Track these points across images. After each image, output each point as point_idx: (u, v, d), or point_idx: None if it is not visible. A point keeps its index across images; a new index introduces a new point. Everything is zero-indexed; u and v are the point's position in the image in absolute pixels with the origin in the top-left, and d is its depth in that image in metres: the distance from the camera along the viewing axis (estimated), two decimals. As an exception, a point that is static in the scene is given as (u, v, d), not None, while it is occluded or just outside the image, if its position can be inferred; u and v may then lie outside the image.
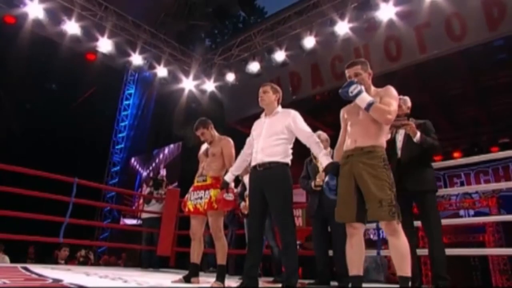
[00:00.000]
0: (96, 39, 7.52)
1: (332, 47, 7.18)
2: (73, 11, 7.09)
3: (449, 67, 7.62)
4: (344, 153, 2.32)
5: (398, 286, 2.07)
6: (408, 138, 2.94)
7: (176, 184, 8.98)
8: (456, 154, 9.89)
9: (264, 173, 2.66)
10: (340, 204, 2.25)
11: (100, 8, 7.39)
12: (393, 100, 2.24)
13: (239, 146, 3.02)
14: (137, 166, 10.77)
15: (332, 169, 2.36)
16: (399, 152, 2.95)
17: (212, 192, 3.14)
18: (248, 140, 2.97)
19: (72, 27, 7.11)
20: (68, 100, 10.75)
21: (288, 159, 2.72)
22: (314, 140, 2.68)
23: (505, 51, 7.83)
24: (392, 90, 2.31)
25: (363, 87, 2.21)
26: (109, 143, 11.23)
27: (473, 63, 7.68)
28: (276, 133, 2.71)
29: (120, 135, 11.39)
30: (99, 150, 10.94)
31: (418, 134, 2.80)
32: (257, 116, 3.00)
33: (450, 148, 9.85)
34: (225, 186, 2.94)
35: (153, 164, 10.22)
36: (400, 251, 2.08)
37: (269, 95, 2.86)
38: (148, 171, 10.30)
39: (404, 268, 2.06)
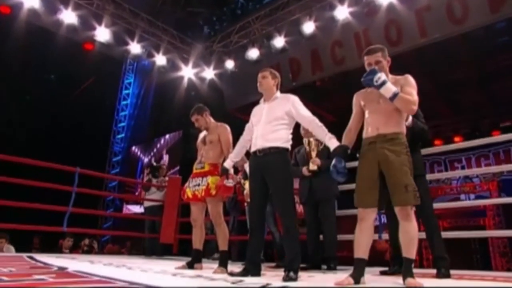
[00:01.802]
0: (94, 28, 7.46)
1: (331, 32, 7.10)
2: (69, 0, 7.00)
3: (450, 51, 7.54)
4: (365, 140, 2.33)
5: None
6: None
7: (178, 168, 9.03)
8: (457, 139, 9.87)
9: (264, 158, 2.65)
10: (362, 189, 2.26)
11: (97, -4, 7.31)
12: (414, 90, 2.26)
13: (240, 133, 3.03)
14: (139, 153, 10.79)
15: (341, 152, 2.36)
16: None
17: (210, 179, 3.18)
18: (247, 126, 2.95)
19: (69, 16, 7.04)
20: (68, 91, 10.71)
21: (288, 144, 2.72)
22: (317, 124, 2.67)
23: (507, 34, 7.75)
24: (412, 80, 2.32)
25: (385, 76, 2.21)
26: (109, 133, 11.23)
27: (474, 46, 7.60)
28: (276, 118, 2.70)
29: (121, 124, 11.39)
30: (99, 140, 10.95)
31: (410, 118, 2.80)
32: (257, 103, 2.97)
33: (451, 132, 9.85)
34: (224, 172, 2.96)
35: (155, 150, 10.26)
36: (410, 235, 2.15)
37: (267, 80, 2.84)
38: (149, 157, 10.33)
39: (411, 251, 2.15)
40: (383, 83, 2.17)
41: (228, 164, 2.99)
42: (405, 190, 2.11)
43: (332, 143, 2.52)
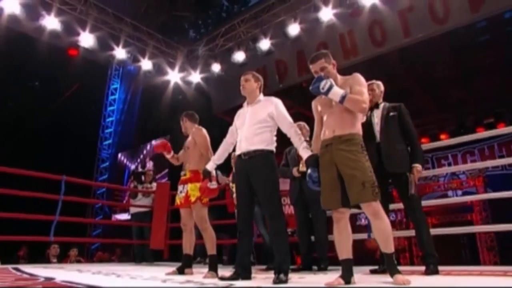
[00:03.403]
0: (78, 34, 7.35)
1: (317, 34, 7.15)
2: (52, 6, 6.90)
3: (433, 49, 7.67)
4: (323, 142, 2.35)
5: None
6: (385, 120, 2.97)
7: (166, 171, 8.94)
8: (443, 136, 10.05)
9: (250, 161, 2.65)
10: (324, 192, 2.28)
11: (80, 2, 7.21)
12: (363, 88, 2.28)
13: (225, 133, 3.01)
14: (125, 161, 10.66)
15: (313, 161, 2.40)
16: (377, 135, 2.97)
17: (189, 186, 3.22)
18: (231, 129, 2.96)
19: (51, 22, 6.92)
20: (53, 97, 10.54)
21: (272, 147, 2.72)
22: (294, 131, 2.69)
23: (488, 32, 7.92)
24: (360, 78, 2.34)
25: (332, 81, 2.23)
26: (96, 139, 11.08)
27: (456, 45, 7.76)
28: (259, 121, 2.70)
29: (108, 130, 11.25)
30: (87, 146, 10.79)
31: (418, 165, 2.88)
32: (243, 102, 2.95)
33: (437, 130, 10.01)
34: (207, 175, 2.95)
35: (141, 156, 10.15)
36: (385, 232, 2.17)
37: (250, 83, 2.83)
38: (136, 164, 10.21)
39: (389, 246, 2.16)
40: (330, 88, 2.19)
41: (210, 166, 2.98)
42: (362, 187, 2.10)
43: (304, 152, 2.55)
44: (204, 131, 3.37)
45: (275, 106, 2.74)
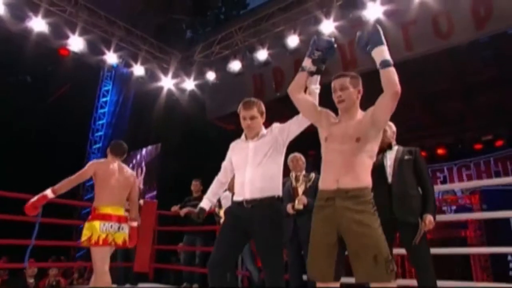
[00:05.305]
0: (67, 37, 7.02)
1: (316, 46, 6.92)
2: (39, 7, 6.56)
3: (434, 63, 7.54)
4: (322, 194, 1.92)
5: None
6: (399, 163, 2.74)
7: (154, 184, 8.64)
8: (440, 151, 9.94)
9: (253, 211, 2.22)
10: (316, 258, 1.83)
11: (69, 3, 6.88)
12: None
13: (218, 143, 2.70)
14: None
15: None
16: (389, 178, 2.73)
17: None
18: (224, 166, 2.57)
19: (38, 24, 6.58)
20: (42, 98, 10.18)
21: (280, 190, 2.35)
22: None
23: (490, 47, 7.80)
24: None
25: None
26: (86, 143, 10.75)
27: (458, 59, 7.63)
28: (266, 156, 2.31)
29: (98, 134, 10.92)
30: (75, 150, 10.45)
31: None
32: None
33: (435, 144, 9.90)
34: (202, 215, 2.56)
35: (130, 165, 9.79)
36: None
37: (257, 121, 2.38)
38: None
39: None
40: (378, 41, 1.83)
41: (206, 204, 2.56)
42: (373, 262, 1.66)
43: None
44: (94, 164, 3.16)
45: (279, 130, 2.38)
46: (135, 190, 3.29)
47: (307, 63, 2.16)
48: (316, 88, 2.26)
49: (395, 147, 2.85)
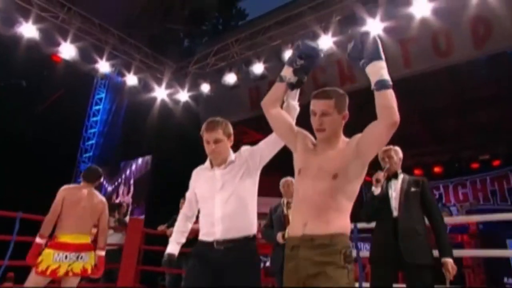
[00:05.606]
0: (58, 44, 6.84)
1: (314, 61, 6.81)
2: (30, 12, 6.38)
3: (433, 80, 7.50)
4: (288, 240, 1.65)
5: None
6: (406, 195, 2.54)
7: (142, 201, 8.37)
8: (436, 169, 9.83)
9: (225, 253, 1.90)
10: None
11: (62, 9, 6.71)
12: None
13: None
14: (103, 180, 10.07)
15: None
16: (395, 211, 2.53)
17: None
18: (189, 198, 2.18)
19: (29, 30, 6.40)
20: (34, 103, 9.95)
21: (255, 228, 2.02)
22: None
23: (489, 66, 7.77)
24: None
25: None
26: (76, 151, 10.49)
27: (456, 77, 7.62)
28: (235, 188, 1.97)
29: (89, 142, 10.68)
30: (65, 159, 10.19)
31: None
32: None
33: (432, 161, 9.81)
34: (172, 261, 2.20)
35: (119, 180, 9.55)
36: None
37: (223, 144, 2.00)
38: (113, 186, 9.62)
39: None
40: (376, 55, 1.48)
41: (175, 249, 2.16)
42: None
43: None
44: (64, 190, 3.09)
45: (249, 153, 2.05)
46: (103, 217, 3.20)
47: (287, 72, 1.83)
48: (295, 104, 1.97)
49: (401, 176, 2.66)
